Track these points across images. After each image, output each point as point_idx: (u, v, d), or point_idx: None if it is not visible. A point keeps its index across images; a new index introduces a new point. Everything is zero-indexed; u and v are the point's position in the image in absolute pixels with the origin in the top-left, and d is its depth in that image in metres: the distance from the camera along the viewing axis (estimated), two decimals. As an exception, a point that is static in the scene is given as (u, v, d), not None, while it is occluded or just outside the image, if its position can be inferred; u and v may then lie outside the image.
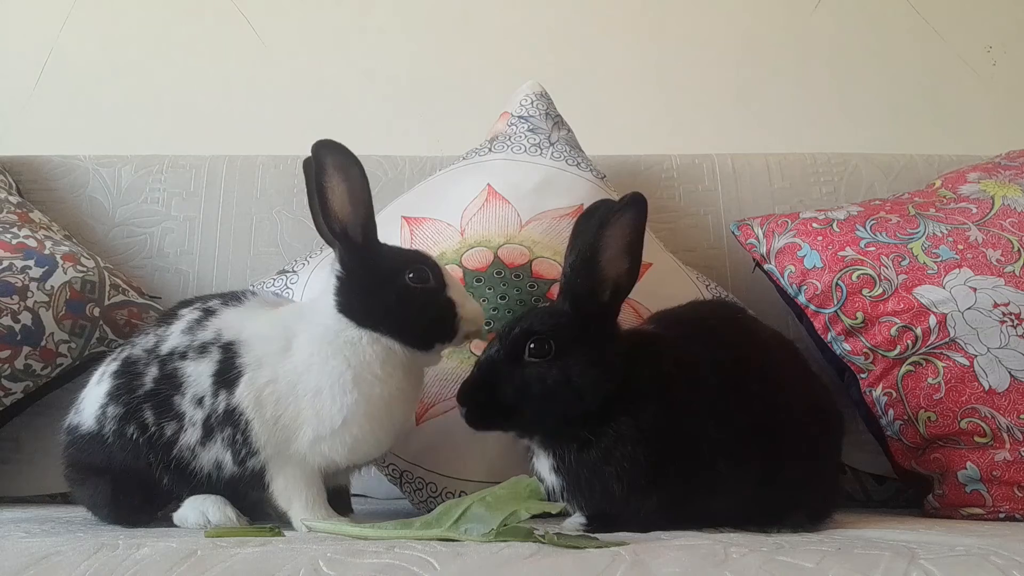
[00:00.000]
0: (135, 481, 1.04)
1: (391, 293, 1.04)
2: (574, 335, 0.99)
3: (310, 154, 1.02)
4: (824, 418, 1.07)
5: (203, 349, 1.03)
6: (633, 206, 0.98)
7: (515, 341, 0.99)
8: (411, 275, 1.04)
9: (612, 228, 0.98)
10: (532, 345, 0.98)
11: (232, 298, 1.11)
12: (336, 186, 1.02)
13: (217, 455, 1.02)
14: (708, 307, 1.27)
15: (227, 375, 1.01)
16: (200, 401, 1.02)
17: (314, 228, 1.08)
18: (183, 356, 1.04)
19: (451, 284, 1.08)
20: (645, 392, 0.96)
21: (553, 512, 0.86)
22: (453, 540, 0.78)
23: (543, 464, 1.01)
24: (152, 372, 1.04)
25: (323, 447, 1.01)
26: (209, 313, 1.08)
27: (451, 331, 1.06)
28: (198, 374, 1.02)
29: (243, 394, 1.00)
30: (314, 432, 1.00)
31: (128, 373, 1.05)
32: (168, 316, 1.11)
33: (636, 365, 0.98)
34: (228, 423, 1.00)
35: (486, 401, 0.99)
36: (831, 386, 1.49)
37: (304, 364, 1.02)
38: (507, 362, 0.99)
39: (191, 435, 1.02)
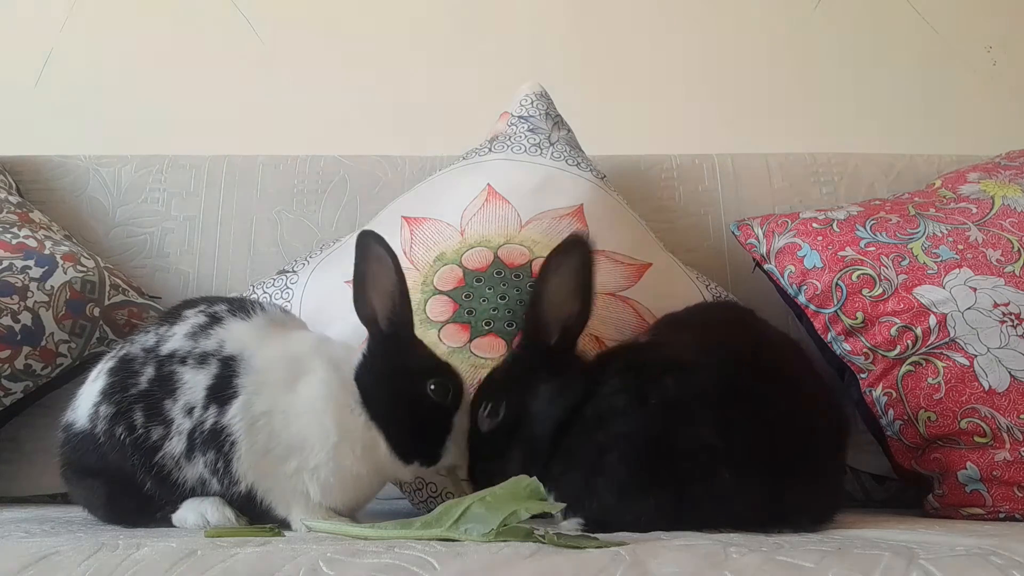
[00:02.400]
0: (130, 483, 1.03)
1: (405, 393, 1.03)
2: (524, 383, 1.01)
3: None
4: (831, 419, 1.06)
5: (203, 359, 1.02)
6: (575, 249, 0.99)
7: (474, 412, 1.03)
8: (433, 386, 1.03)
9: (551, 272, 1.00)
10: (485, 412, 1.01)
11: (240, 308, 1.09)
12: (373, 275, 1.04)
13: (201, 474, 1.01)
14: (712, 309, 1.26)
15: (222, 392, 1.00)
16: (190, 411, 1.00)
17: (314, 228, 1.09)
18: (183, 361, 1.02)
19: (462, 410, 1.06)
20: (617, 407, 0.95)
21: (553, 512, 0.86)
22: (453, 540, 0.78)
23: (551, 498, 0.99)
24: (148, 372, 1.03)
25: (304, 477, 1.00)
26: (215, 320, 1.06)
27: (435, 455, 1.04)
28: (194, 383, 1.01)
29: (234, 417, 0.98)
30: (297, 464, 1.00)
31: (124, 371, 1.04)
32: (171, 316, 1.09)
33: (604, 383, 0.97)
34: (212, 445, 0.99)
35: (482, 475, 1.02)
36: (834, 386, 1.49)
37: (305, 406, 1.00)
38: (480, 432, 1.03)
39: (176, 444, 1.00)
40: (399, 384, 1.03)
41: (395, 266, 1.03)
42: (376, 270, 1.03)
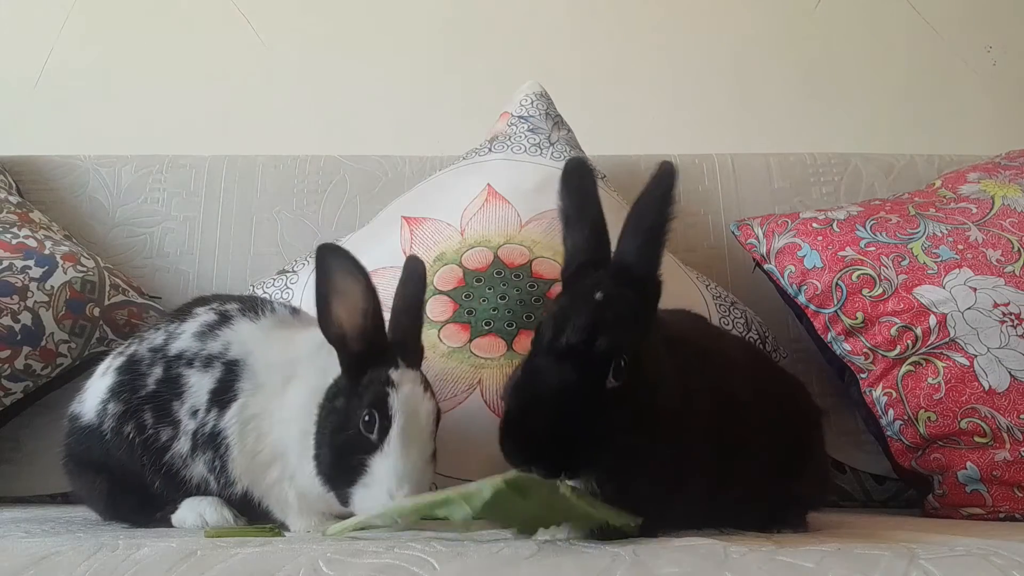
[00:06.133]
0: (132, 481, 1.04)
1: (337, 418, 0.93)
2: (644, 331, 0.79)
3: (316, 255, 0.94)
4: (798, 413, 1.03)
5: (209, 361, 1.02)
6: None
7: (600, 360, 0.74)
8: (366, 417, 0.91)
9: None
10: (615, 366, 0.74)
11: (250, 308, 1.08)
12: (340, 291, 0.93)
13: (203, 473, 1.02)
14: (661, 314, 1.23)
15: (223, 395, 1.00)
16: (195, 413, 1.01)
17: (314, 228, 1.08)
18: (189, 363, 1.03)
19: (388, 452, 0.90)
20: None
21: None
22: (454, 538, 0.78)
23: None
24: (156, 373, 1.04)
25: (284, 485, 1.00)
26: (225, 320, 1.06)
27: (343, 494, 0.92)
28: (199, 386, 1.02)
29: (231, 420, 0.99)
30: (279, 474, 1.00)
31: (132, 371, 1.05)
32: (182, 313, 1.10)
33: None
34: (210, 446, 1.00)
35: (571, 447, 0.74)
36: (835, 386, 1.49)
37: (291, 412, 0.98)
38: (589, 391, 0.74)
39: (183, 444, 1.02)
40: (340, 410, 0.93)
41: (366, 280, 0.93)
42: (344, 286, 0.93)
